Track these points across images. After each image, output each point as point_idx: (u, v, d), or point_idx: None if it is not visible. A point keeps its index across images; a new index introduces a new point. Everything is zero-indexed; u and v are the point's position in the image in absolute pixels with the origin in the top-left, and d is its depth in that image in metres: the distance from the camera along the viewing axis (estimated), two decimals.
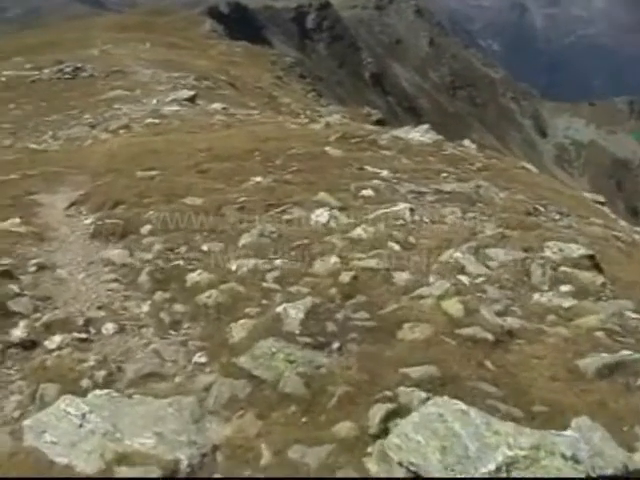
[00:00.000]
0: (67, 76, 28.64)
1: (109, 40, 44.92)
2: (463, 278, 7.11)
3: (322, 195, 9.73)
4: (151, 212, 9.29)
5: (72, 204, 10.60)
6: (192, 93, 23.47)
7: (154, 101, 22.12)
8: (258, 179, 10.79)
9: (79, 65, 29.88)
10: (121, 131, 17.51)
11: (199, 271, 7.29)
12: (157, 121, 18.40)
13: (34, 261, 8.04)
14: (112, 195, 10.37)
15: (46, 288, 7.44)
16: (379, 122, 34.34)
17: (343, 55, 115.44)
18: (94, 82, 27.74)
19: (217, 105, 21.98)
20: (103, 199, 10.29)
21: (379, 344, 5.78)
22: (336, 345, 5.79)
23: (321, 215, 8.79)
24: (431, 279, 7.03)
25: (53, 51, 38.05)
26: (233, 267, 7.32)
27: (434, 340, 5.77)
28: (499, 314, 6.30)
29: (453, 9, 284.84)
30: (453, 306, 6.23)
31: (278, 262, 7.41)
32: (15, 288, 7.17)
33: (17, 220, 9.56)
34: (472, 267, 7.45)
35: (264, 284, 6.92)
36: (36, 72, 29.67)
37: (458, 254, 7.66)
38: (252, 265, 7.29)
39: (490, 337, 5.81)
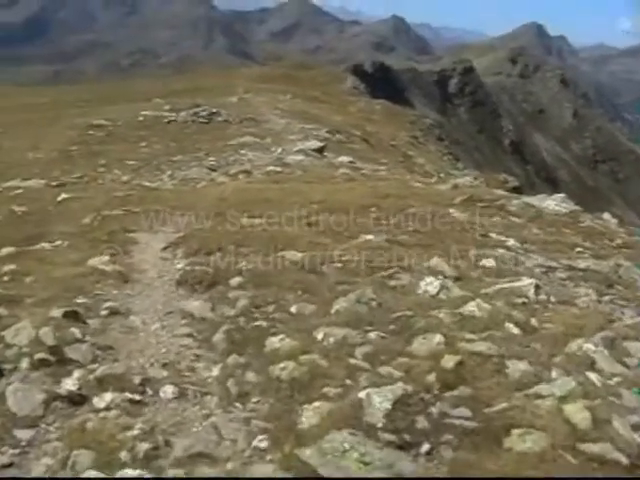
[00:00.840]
0: (201, 120, 28.88)
1: (250, 89, 45.83)
2: (593, 376, 5.75)
3: (436, 261, 8.63)
4: (244, 263, 8.50)
5: (168, 246, 10.01)
6: (321, 144, 22.90)
7: (280, 149, 21.70)
8: (369, 237, 9.81)
9: (215, 110, 30.15)
10: (240, 176, 17.05)
11: (281, 336, 6.36)
12: (279, 169, 17.85)
13: (108, 304, 7.40)
14: (210, 240, 9.69)
15: (112, 336, 6.74)
16: (515, 190, 32.84)
17: (483, 121, 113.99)
18: (226, 127, 27.82)
19: (344, 158, 21.26)
20: (200, 243, 9.62)
21: (479, 452, 4.66)
22: (425, 447, 4.72)
23: (431, 284, 7.67)
24: (553, 374, 5.76)
25: (194, 96, 38.93)
26: (319, 335, 6.33)
27: (549, 455, 4.59)
28: (636, 428, 4.96)
29: (600, 81, 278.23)
30: (578, 412, 4.99)
31: (372, 335, 6.36)
32: (77, 333, 6.50)
33: (106, 257, 9.04)
34: (605, 363, 6.10)
35: (351, 360, 5.88)
36: (173, 114, 30.15)
37: (589, 345, 6.33)
38: (341, 336, 6.28)
39: (623, 459, 4.58)
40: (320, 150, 22.42)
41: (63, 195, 13.86)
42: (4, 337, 6.44)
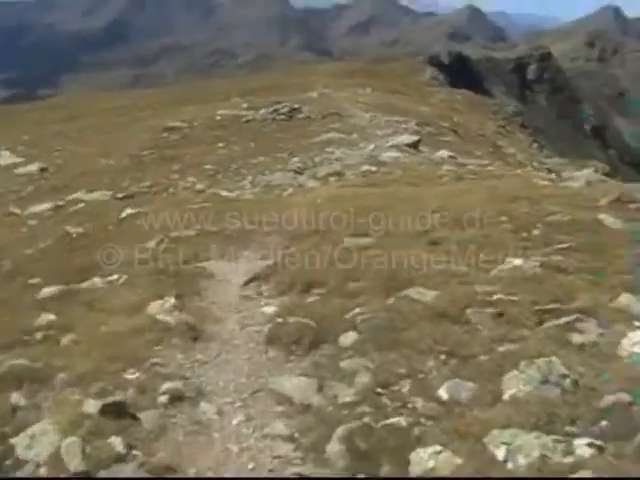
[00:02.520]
0: (282, 117, 26.69)
1: (330, 84, 43.85)
2: None
3: (624, 298, 6.06)
4: (358, 309, 6.12)
5: (252, 279, 7.67)
6: (415, 138, 20.31)
7: (371, 146, 19.12)
8: (516, 262, 7.23)
9: (295, 106, 27.88)
10: (331, 179, 14.65)
11: (434, 447, 3.97)
12: (374, 169, 15.35)
13: (169, 385, 5.10)
14: (307, 271, 7.35)
15: (173, 444, 4.47)
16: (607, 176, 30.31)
17: (563, 107, 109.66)
18: (309, 124, 25.53)
19: (443, 152, 18.59)
20: (294, 276, 7.29)
21: None
22: None
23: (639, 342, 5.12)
24: None
25: (272, 94, 36.99)
26: (499, 452, 3.87)
27: None
28: None
29: None
30: None
31: (580, 446, 3.88)
32: (119, 445, 4.25)
33: (172, 301, 6.80)
34: None
35: None
36: (251, 112, 28.13)
37: None
38: (537, 453, 3.81)
39: None
40: (414, 145, 19.89)
41: (128, 210, 11.80)
42: (15, 447, 4.30)
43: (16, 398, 4.85)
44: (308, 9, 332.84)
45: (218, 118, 27.81)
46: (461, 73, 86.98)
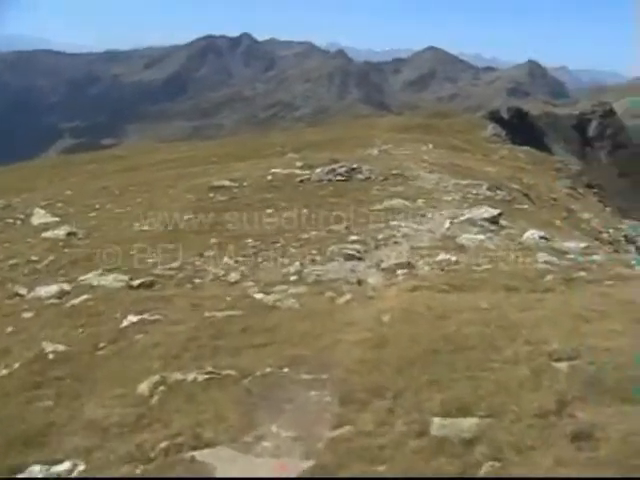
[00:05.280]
0: (339, 177, 23.88)
1: (389, 140, 41.59)
2: None
3: None
4: None
5: None
6: (495, 212, 16.92)
7: (447, 224, 15.93)
8: None
9: (354, 166, 25.05)
10: (399, 272, 11.38)
11: None
12: (453, 258, 12.08)
13: None
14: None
15: None
16: None
17: (624, 165, 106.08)
18: (369, 187, 22.63)
19: (534, 233, 14.92)
20: None
21: None
22: None
23: None
24: None
25: (330, 149, 34.55)
26: None
27: None
28: None
29: None
30: None
31: None
32: None
33: None
34: None
35: None
36: (307, 171, 25.45)
37: None
38: None
39: None
40: (495, 220, 16.72)
41: (131, 318, 8.90)
42: None
43: None
44: (367, 63, 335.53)
45: (270, 178, 25.23)
46: (521, 129, 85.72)
